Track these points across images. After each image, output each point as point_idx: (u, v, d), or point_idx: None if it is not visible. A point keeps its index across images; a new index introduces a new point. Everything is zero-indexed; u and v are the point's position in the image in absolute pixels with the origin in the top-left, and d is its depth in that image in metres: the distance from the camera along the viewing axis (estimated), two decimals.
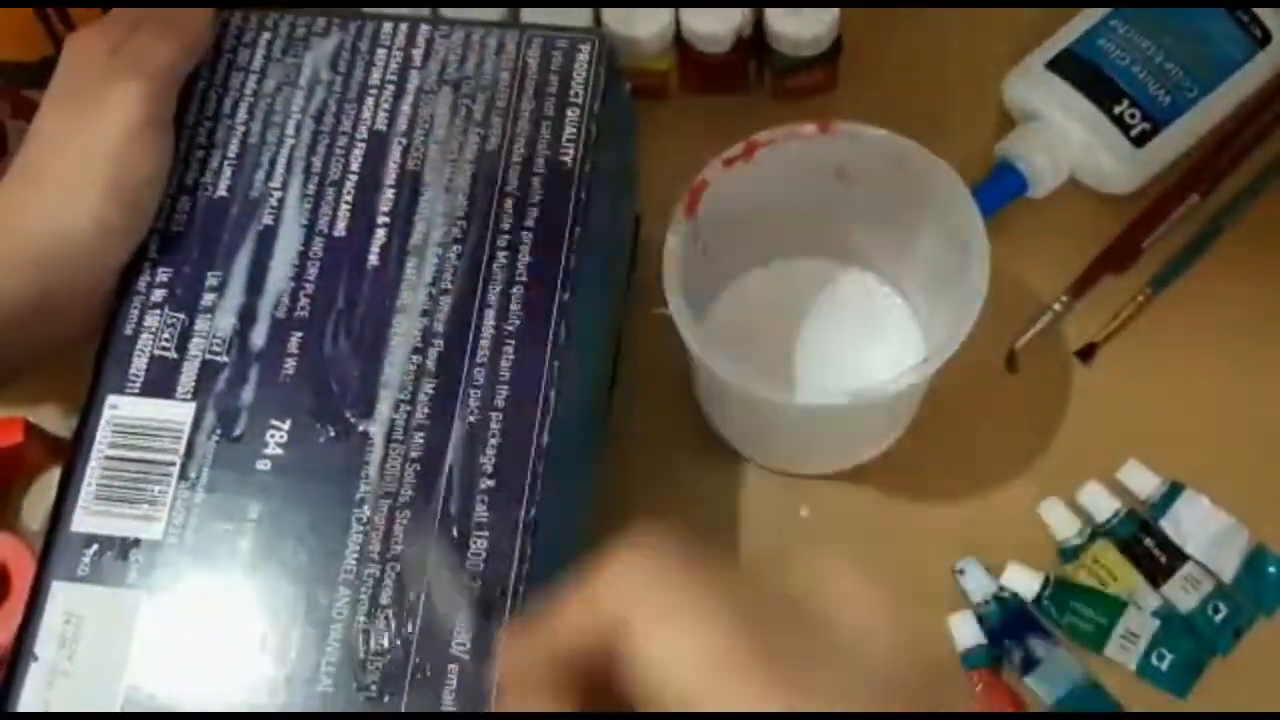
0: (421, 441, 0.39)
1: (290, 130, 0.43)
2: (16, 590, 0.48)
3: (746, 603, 0.27)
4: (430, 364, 0.40)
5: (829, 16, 0.53)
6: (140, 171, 0.41)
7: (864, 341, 0.52)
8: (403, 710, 0.37)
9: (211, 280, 0.41)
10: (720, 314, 0.52)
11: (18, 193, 0.41)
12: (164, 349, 0.41)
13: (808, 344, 0.52)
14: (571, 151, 0.43)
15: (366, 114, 0.43)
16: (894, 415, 0.50)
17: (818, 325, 0.52)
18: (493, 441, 0.39)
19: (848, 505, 0.51)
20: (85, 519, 0.39)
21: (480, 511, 0.39)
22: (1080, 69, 0.54)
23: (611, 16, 0.54)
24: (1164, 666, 0.47)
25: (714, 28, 0.54)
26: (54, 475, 0.50)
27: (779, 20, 0.54)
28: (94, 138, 0.40)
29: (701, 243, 0.46)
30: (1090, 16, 0.55)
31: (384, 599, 0.38)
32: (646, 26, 0.54)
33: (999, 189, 0.54)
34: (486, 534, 0.38)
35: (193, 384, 0.40)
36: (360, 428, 0.40)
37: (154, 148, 0.41)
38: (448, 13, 0.53)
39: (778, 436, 0.51)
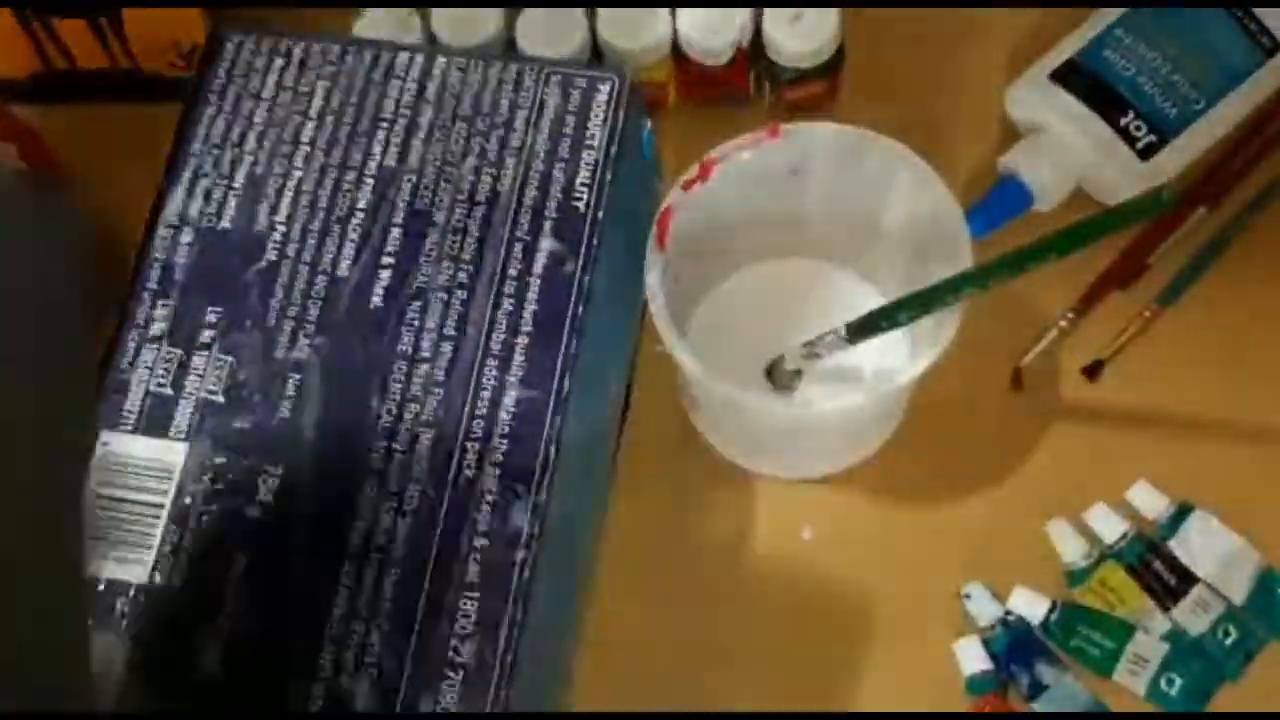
0: (415, 496, 0.38)
1: (298, 162, 0.42)
2: None
3: None
4: (427, 414, 0.39)
5: (829, 28, 0.52)
6: None
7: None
8: None
9: (211, 316, 0.40)
10: (697, 328, 0.51)
11: None
12: (160, 385, 0.39)
13: (788, 345, 0.50)
14: (585, 195, 0.41)
15: (377, 149, 0.42)
16: (887, 417, 0.49)
17: (796, 325, 0.51)
18: (488, 499, 0.38)
19: (851, 527, 0.50)
20: None
21: (473, 572, 0.37)
22: (1084, 80, 0.53)
23: (607, 27, 0.53)
24: (1173, 691, 0.46)
25: (711, 39, 0.53)
26: None
27: (778, 32, 0.53)
28: None
29: (672, 272, 0.45)
30: (1094, 26, 0.54)
31: (369, 658, 0.37)
32: (643, 37, 0.53)
33: (1003, 203, 0.53)
34: (478, 596, 0.37)
35: (187, 424, 0.39)
36: (355, 476, 0.38)
37: None
38: (441, 34, 0.52)
39: (782, 445, 0.50)
